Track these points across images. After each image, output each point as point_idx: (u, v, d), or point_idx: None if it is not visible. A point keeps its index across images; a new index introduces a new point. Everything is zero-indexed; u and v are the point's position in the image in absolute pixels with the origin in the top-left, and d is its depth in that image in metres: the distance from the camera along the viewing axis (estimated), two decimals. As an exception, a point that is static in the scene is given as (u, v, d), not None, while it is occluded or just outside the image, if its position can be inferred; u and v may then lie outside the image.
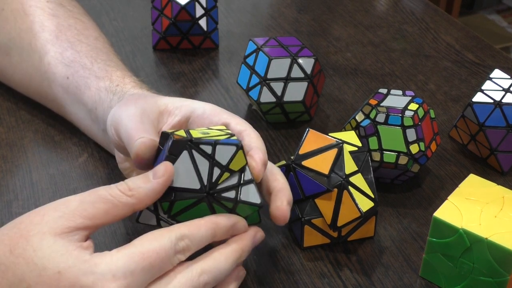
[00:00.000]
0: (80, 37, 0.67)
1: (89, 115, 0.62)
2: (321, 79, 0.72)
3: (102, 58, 0.65)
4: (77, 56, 0.65)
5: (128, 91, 0.59)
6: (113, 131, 0.54)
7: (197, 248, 0.46)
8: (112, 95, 0.59)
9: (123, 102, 0.56)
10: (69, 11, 0.69)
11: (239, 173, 0.48)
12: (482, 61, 0.85)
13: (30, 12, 0.68)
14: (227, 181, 0.48)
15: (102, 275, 0.42)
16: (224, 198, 0.48)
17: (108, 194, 0.45)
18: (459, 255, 0.51)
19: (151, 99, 0.55)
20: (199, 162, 0.47)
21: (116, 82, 0.61)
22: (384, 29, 0.92)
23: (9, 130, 0.69)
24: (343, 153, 0.54)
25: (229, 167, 0.47)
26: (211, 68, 0.82)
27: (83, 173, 0.64)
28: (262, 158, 0.50)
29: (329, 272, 0.55)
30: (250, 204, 0.48)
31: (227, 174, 0.47)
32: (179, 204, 0.47)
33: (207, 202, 0.47)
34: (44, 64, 0.66)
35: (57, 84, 0.65)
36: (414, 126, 0.59)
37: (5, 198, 0.61)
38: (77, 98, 0.63)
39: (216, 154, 0.47)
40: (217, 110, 0.54)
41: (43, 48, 0.66)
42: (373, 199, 0.54)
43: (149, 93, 0.59)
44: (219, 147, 0.47)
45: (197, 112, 0.54)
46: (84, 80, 0.62)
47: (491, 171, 0.67)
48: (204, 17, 0.82)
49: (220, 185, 0.47)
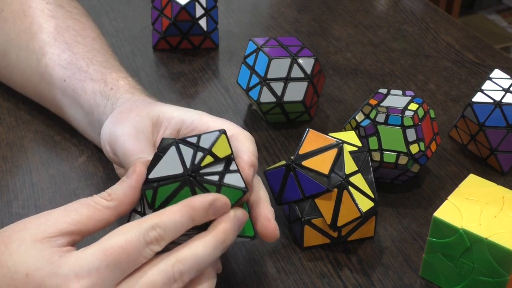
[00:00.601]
0: (78, 38, 0.67)
1: (86, 118, 0.63)
2: (321, 79, 0.72)
3: (99, 59, 0.65)
4: (74, 58, 0.65)
5: (121, 97, 0.59)
6: (109, 148, 0.55)
7: (174, 236, 0.45)
8: (106, 100, 0.60)
9: (117, 117, 0.56)
10: (68, 12, 0.69)
11: (225, 162, 0.48)
12: (482, 61, 0.85)
13: (29, 13, 0.68)
14: (212, 167, 0.47)
15: (66, 276, 0.42)
16: (206, 180, 0.47)
17: (90, 200, 0.46)
18: (459, 255, 0.51)
19: (143, 111, 0.55)
20: (184, 152, 0.47)
21: (110, 85, 0.61)
22: (384, 29, 0.92)
23: (9, 130, 0.69)
24: (343, 153, 0.54)
25: (211, 151, 0.47)
26: (211, 68, 0.82)
27: (83, 173, 0.64)
28: (247, 160, 0.50)
29: (329, 272, 0.55)
30: (234, 187, 0.47)
31: (210, 158, 0.47)
32: (162, 191, 0.47)
33: (189, 186, 0.47)
34: (41, 65, 0.66)
35: (55, 87, 0.65)
36: (414, 126, 0.59)
37: (5, 198, 0.61)
38: (74, 101, 0.63)
39: (201, 142, 0.48)
40: (204, 119, 0.54)
41: (41, 49, 0.66)
42: (373, 199, 0.54)
43: (141, 99, 0.59)
44: (204, 136, 0.48)
45: (186, 123, 0.54)
46: (80, 83, 0.63)
47: (491, 171, 0.67)
48: (204, 17, 0.82)
49: (203, 170, 0.47)
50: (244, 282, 0.54)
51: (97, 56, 0.65)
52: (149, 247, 0.44)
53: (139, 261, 0.44)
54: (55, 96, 0.66)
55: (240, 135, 0.52)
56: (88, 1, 0.94)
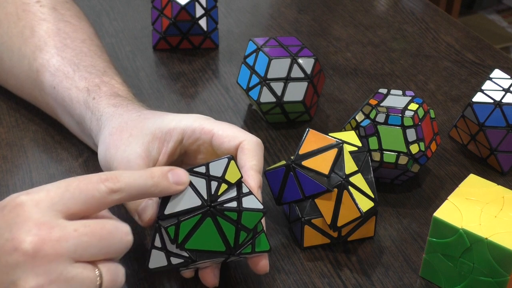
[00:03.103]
0: (67, 41, 0.66)
1: (78, 127, 0.63)
2: (321, 79, 0.72)
3: (85, 63, 0.64)
4: (62, 63, 0.64)
5: (104, 112, 0.59)
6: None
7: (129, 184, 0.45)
8: (90, 113, 0.60)
9: (109, 140, 0.56)
10: (60, 15, 0.69)
11: (236, 187, 0.49)
12: (482, 61, 0.85)
13: (22, 17, 0.68)
14: (227, 194, 0.48)
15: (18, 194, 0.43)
16: (227, 208, 0.48)
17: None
18: (459, 255, 0.51)
19: (134, 129, 0.55)
20: (196, 183, 0.48)
21: (93, 94, 0.61)
22: (384, 29, 0.92)
23: (9, 130, 0.69)
24: (343, 153, 0.54)
25: (225, 178, 0.48)
26: (211, 68, 0.82)
27: (83, 173, 0.64)
28: (255, 184, 0.51)
29: (329, 272, 0.55)
30: (253, 210, 0.48)
31: (225, 186, 0.48)
32: (185, 225, 0.47)
33: (211, 216, 0.48)
34: (33, 71, 0.66)
35: (46, 93, 0.65)
36: (414, 126, 0.59)
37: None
38: (64, 109, 0.64)
39: (211, 171, 0.48)
40: (206, 127, 0.54)
41: (32, 54, 0.66)
42: (373, 199, 0.54)
43: (127, 115, 0.58)
44: (212, 164, 0.48)
45: (187, 133, 0.55)
46: (67, 92, 0.63)
47: (491, 171, 0.67)
48: (204, 17, 0.82)
49: (220, 197, 0.48)
50: (244, 282, 0.54)
51: (84, 60, 0.65)
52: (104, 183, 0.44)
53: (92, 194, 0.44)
54: (48, 102, 0.66)
55: (246, 144, 0.53)
56: (88, 1, 0.94)
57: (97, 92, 0.61)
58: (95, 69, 0.64)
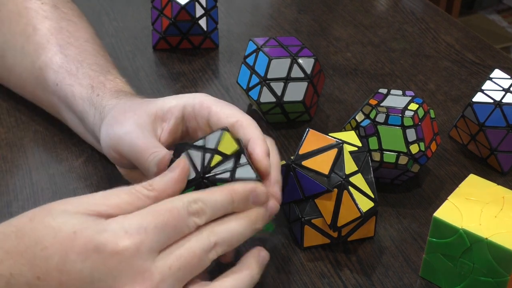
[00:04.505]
0: (71, 39, 0.66)
1: (81, 123, 0.63)
2: (321, 79, 0.72)
3: (89, 61, 0.64)
4: (65, 61, 0.64)
5: (107, 104, 0.59)
6: (114, 153, 0.55)
7: (214, 213, 0.46)
8: (93, 109, 0.60)
9: (113, 121, 0.56)
10: (62, 13, 0.69)
11: (234, 158, 0.49)
12: (482, 61, 0.85)
13: (24, 15, 0.68)
14: (223, 165, 0.48)
15: (115, 232, 0.42)
16: (218, 179, 0.48)
17: (131, 188, 0.46)
18: (459, 255, 0.51)
19: (138, 110, 0.55)
20: (194, 156, 0.49)
21: (97, 90, 0.61)
22: (384, 29, 0.92)
23: (9, 130, 0.69)
24: (343, 153, 0.54)
25: (218, 149, 0.48)
26: (211, 68, 0.82)
27: (83, 173, 0.64)
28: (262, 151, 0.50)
29: (329, 272, 0.55)
30: (245, 179, 0.48)
31: (218, 157, 0.48)
32: None
33: (204, 187, 0.48)
34: (36, 68, 0.66)
35: (49, 91, 0.65)
36: (414, 126, 0.59)
37: (5, 198, 0.61)
38: (68, 106, 0.63)
39: (206, 143, 0.49)
40: (205, 103, 0.54)
41: (35, 52, 0.66)
42: (373, 199, 0.54)
43: (130, 101, 0.58)
44: (208, 137, 0.49)
45: (188, 110, 0.55)
46: (70, 88, 0.62)
47: (491, 171, 0.67)
48: (204, 17, 0.82)
49: (215, 169, 0.48)
50: (244, 282, 0.54)
51: (88, 58, 0.65)
52: (192, 218, 0.44)
53: (182, 231, 0.44)
54: (51, 100, 0.66)
55: (244, 121, 0.53)
56: (88, 1, 0.94)
57: (102, 89, 0.61)
58: (99, 67, 0.64)
